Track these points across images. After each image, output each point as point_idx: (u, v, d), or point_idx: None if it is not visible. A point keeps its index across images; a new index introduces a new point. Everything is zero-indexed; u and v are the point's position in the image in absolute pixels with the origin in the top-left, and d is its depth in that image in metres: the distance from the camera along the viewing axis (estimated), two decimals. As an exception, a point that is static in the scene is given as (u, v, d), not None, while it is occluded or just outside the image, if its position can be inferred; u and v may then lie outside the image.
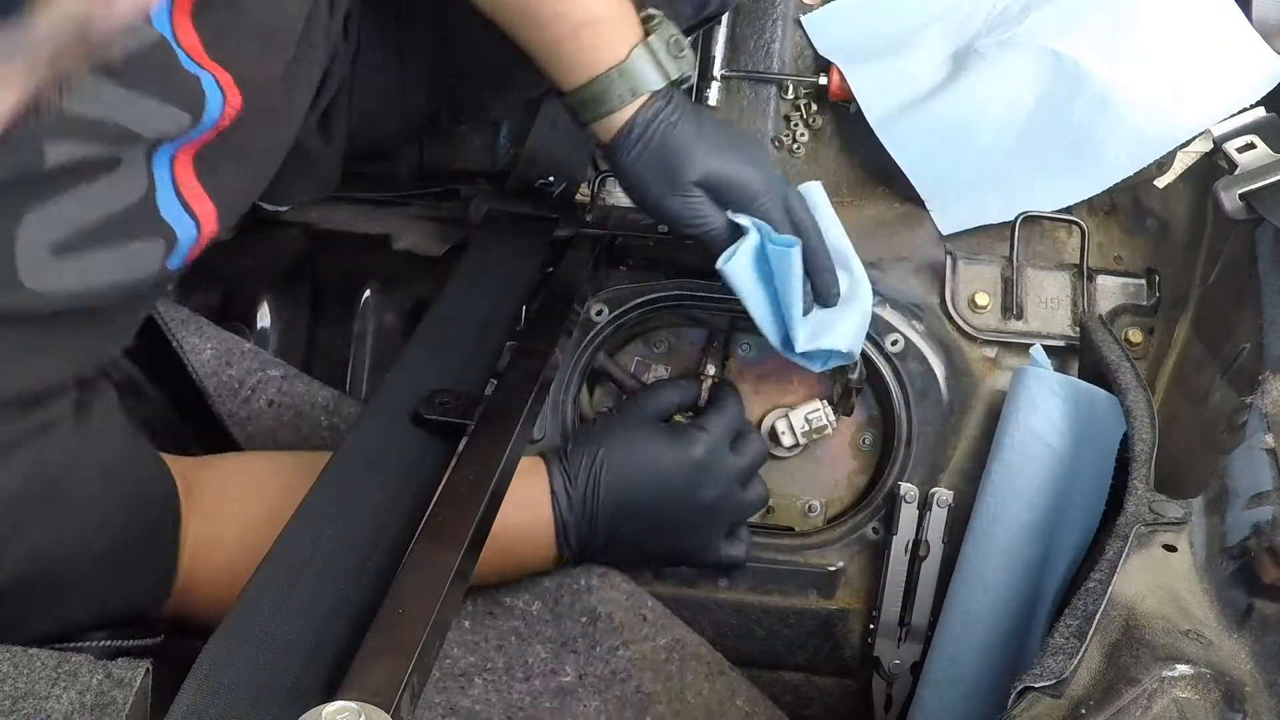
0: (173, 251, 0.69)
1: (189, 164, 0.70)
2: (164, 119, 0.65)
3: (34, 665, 0.55)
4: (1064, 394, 0.88)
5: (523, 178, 1.06)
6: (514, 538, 0.82)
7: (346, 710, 0.52)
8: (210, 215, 0.72)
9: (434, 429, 0.75)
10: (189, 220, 0.70)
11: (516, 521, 0.82)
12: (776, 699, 0.95)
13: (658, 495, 0.86)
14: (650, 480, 0.86)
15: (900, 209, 1.04)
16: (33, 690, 0.54)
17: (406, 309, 1.03)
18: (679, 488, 0.87)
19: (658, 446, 0.87)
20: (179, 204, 0.69)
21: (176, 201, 0.69)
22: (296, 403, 0.92)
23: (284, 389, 0.93)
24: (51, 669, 0.55)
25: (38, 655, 0.56)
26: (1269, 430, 0.71)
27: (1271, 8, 0.99)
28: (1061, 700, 0.59)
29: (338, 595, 0.64)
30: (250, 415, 0.90)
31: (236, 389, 0.91)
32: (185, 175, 0.70)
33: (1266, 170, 0.91)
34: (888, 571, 0.96)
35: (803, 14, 1.10)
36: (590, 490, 0.85)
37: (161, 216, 0.68)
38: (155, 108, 0.64)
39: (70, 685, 0.55)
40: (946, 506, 0.95)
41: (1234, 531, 0.68)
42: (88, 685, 0.55)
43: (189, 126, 0.67)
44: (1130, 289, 1.02)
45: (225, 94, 0.69)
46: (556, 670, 0.87)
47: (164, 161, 0.68)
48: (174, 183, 0.69)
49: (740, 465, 0.90)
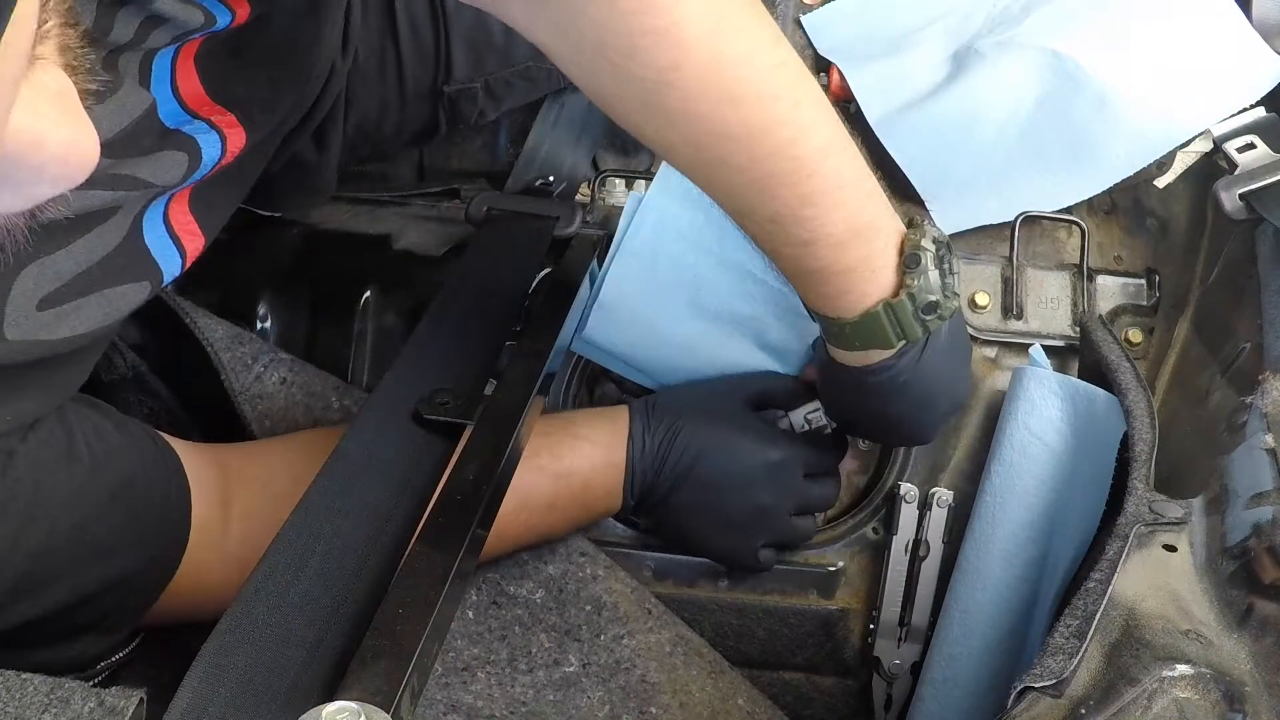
0: (157, 289, 0.69)
1: (185, 201, 0.70)
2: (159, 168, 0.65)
3: (26, 691, 0.55)
4: (1063, 394, 0.88)
5: (523, 178, 1.06)
6: (588, 475, 0.84)
7: (346, 710, 0.52)
8: (197, 246, 0.72)
9: (434, 429, 0.75)
10: (175, 255, 0.70)
11: (592, 459, 0.84)
12: (776, 699, 0.94)
13: (719, 478, 0.86)
14: (719, 461, 0.86)
15: (900, 209, 1.03)
16: (23, 716, 0.54)
17: (406, 309, 1.03)
18: (740, 479, 0.87)
19: (739, 432, 0.87)
20: (168, 238, 0.69)
21: (166, 236, 0.69)
22: (308, 383, 0.93)
23: (295, 369, 0.93)
24: (44, 695, 0.55)
25: (30, 680, 0.56)
26: (1269, 430, 0.71)
27: (1271, 8, 0.99)
28: (1061, 700, 0.59)
29: (338, 595, 0.64)
30: (262, 394, 0.90)
31: (250, 365, 0.92)
32: (180, 212, 0.69)
33: (1266, 170, 0.91)
34: (888, 571, 0.96)
35: (803, 14, 1.10)
36: (664, 445, 0.85)
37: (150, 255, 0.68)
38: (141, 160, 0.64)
39: (62, 712, 0.54)
40: (946, 506, 0.95)
41: (1234, 531, 0.68)
42: (79, 713, 0.54)
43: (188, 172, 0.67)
44: (1130, 289, 1.02)
45: (226, 137, 0.69)
46: (560, 660, 0.87)
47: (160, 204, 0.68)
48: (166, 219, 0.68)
49: (806, 493, 0.90)
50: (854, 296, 0.74)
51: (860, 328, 0.75)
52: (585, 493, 0.86)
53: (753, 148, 0.67)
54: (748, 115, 0.66)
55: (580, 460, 0.84)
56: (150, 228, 0.68)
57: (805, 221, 0.70)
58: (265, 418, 0.89)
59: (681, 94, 0.65)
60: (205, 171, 0.69)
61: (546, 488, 0.84)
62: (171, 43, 0.64)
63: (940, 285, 0.74)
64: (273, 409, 0.90)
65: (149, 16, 0.60)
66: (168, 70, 0.65)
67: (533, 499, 0.83)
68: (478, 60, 0.99)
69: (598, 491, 0.86)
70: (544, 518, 0.86)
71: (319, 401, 0.92)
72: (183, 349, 0.91)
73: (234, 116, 0.70)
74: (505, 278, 0.91)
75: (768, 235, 0.73)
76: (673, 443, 0.86)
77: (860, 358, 0.77)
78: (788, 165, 0.68)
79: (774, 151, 0.68)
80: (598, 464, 0.85)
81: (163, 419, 0.91)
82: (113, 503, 0.69)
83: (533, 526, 0.86)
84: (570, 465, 0.84)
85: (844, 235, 0.71)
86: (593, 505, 0.88)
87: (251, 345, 0.93)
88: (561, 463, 0.84)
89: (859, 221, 0.72)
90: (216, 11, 0.65)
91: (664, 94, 0.65)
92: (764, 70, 0.67)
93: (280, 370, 0.92)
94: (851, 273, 0.73)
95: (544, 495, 0.84)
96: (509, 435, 0.73)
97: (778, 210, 0.70)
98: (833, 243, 0.72)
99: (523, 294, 0.91)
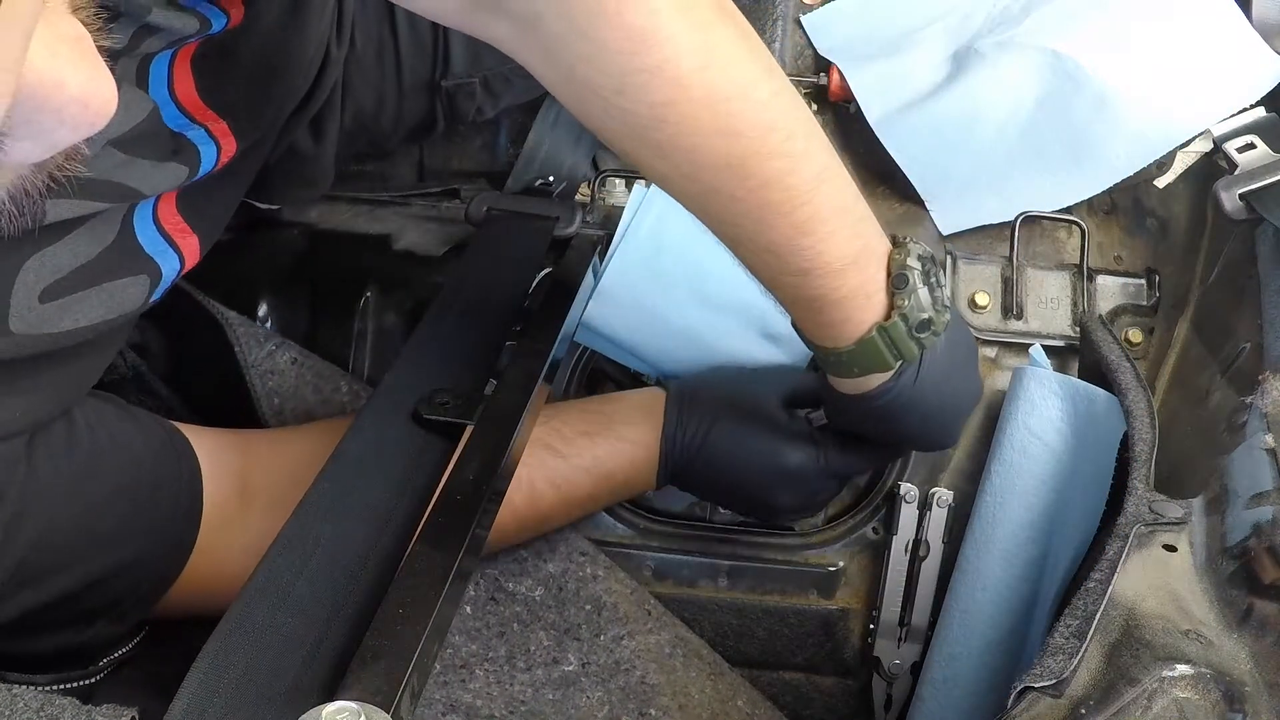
0: (157, 286, 0.69)
1: (172, 203, 0.70)
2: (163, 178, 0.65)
3: (16, 707, 0.55)
4: (1063, 394, 0.88)
5: (523, 177, 1.06)
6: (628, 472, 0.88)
7: (346, 710, 0.52)
8: (193, 248, 0.72)
9: (434, 429, 0.75)
10: (172, 254, 0.70)
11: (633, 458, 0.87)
12: (776, 699, 0.95)
13: (743, 476, 0.88)
14: (742, 460, 0.88)
15: (900, 209, 1.04)
16: None
17: (406, 309, 1.03)
18: (757, 481, 0.88)
19: (765, 435, 0.88)
20: (162, 239, 0.69)
21: (160, 237, 0.69)
22: (317, 367, 0.93)
23: (304, 354, 0.94)
24: (34, 712, 0.55)
25: (21, 695, 0.55)
26: (1269, 430, 0.71)
27: (1271, 8, 0.99)
28: (1061, 700, 0.59)
29: (338, 595, 0.64)
30: (273, 369, 0.90)
31: (261, 342, 0.92)
32: (169, 213, 0.70)
33: (1266, 170, 0.91)
34: (888, 571, 0.96)
35: (803, 14, 1.10)
36: (697, 439, 0.87)
37: (145, 253, 0.68)
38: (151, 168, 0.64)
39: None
40: (947, 506, 0.95)
41: (1234, 531, 0.68)
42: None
43: (186, 179, 0.67)
44: (1130, 289, 1.02)
45: (220, 144, 0.69)
46: (559, 659, 0.88)
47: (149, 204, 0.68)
48: (156, 220, 0.69)
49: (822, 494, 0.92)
50: (852, 324, 0.74)
51: (858, 355, 0.75)
52: (624, 486, 0.90)
53: (747, 179, 0.67)
54: (742, 147, 0.66)
55: (621, 461, 0.88)
56: (141, 227, 0.68)
57: (801, 250, 0.70)
58: (275, 395, 0.89)
59: (674, 128, 0.64)
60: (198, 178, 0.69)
61: (588, 487, 0.88)
62: (167, 47, 0.64)
63: (931, 302, 0.74)
64: (283, 386, 0.90)
65: (143, 26, 0.60)
66: (165, 74, 0.65)
67: (575, 496, 0.88)
68: (476, 55, 0.99)
69: (634, 483, 0.90)
70: (583, 508, 0.91)
71: (328, 384, 0.93)
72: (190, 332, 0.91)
73: (226, 124, 0.70)
74: (505, 278, 0.91)
75: (765, 265, 0.73)
76: (706, 437, 0.88)
77: (860, 384, 0.78)
78: (782, 195, 0.68)
79: (768, 182, 0.68)
80: (638, 461, 0.88)
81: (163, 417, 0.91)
82: (117, 490, 0.69)
83: (572, 515, 0.91)
84: (612, 468, 0.88)
85: (840, 262, 0.71)
86: (626, 493, 0.93)
87: (261, 330, 0.95)
88: (604, 466, 0.88)
89: (854, 248, 0.72)
90: (211, 15, 0.65)
91: (656, 129, 0.64)
92: (758, 103, 0.66)
93: (291, 352, 0.93)
94: (849, 300, 0.73)
95: (585, 491, 0.88)
96: (509, 435, 0.73)
97: (773, 240, 0.70)
98: (830, 270, 0.71)
99: (523, 294, 0.91)
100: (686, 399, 0.89)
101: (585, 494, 0.88)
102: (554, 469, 0.86)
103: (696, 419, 0.88)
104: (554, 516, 0.89)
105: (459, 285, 0.90)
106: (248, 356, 0.89)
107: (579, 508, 0.90)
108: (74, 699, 0.56)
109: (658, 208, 0.95)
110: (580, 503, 0.89)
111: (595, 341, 0.96)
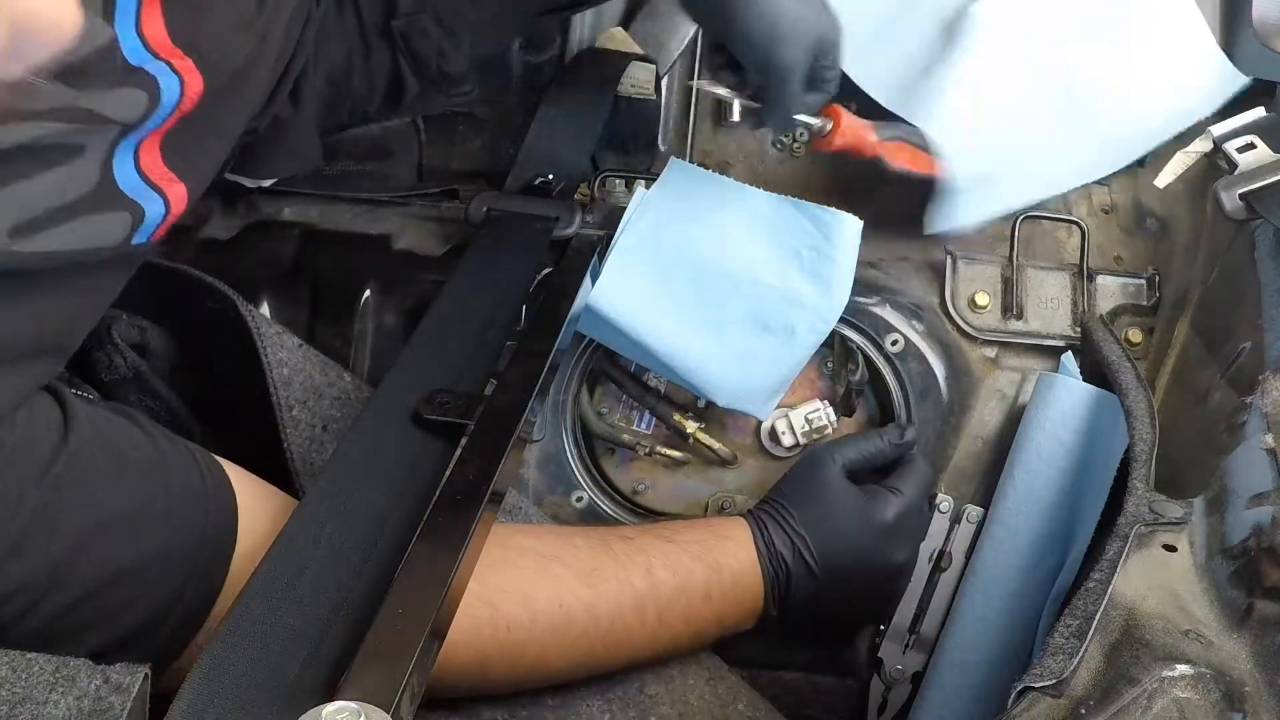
0: (140, 226, 0.69)
1: (155, 149, 0.70)
2: (118, 102, 0.65)
3: (32, 670, 0.55)
4: (1094, 406, 0.88)
5: (522, 177, 1.06)
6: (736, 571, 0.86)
7: (346, 710, 0.52)
8: (180, 195, 0.72)
9: (434, 429, 0.75)
10: (157, 198, 0.70)
11: (738, 556, 0.87)
12: (776, 699, 0.94)
13: (853, 561, 0.89)
14: (843, 545, 0.88)
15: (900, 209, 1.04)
16: (30, 695, 0.54)
17: (406, 309, 1.03)
18: (869, 552, 0.89)
19: (849, 511, 0.89)
20: (144, 184, 0.69)
21: (142, 183, 0.69)
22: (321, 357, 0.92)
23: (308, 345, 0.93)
24: (50, 674, 0.55)
25: (36, 660, 0.56)
26: (1269, 430, 0.71)
27: (1271, 8, 0.99)
28: (1061, 700, 0.59)
29: (338, 595, 0.64)
30: (282, 344, 0.89)
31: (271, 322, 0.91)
32: (151, 160, 0.69)
33: (1266, 170, 0.91)
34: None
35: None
36: (786, 545, 0.88)
37: (127, 196, 0.68)
38: (106, 94, 0.64)
39: (68, 691, 0.54)
40: (976, 524, 0.95)
41: (1234, 531, 0.68)
42: (85, 691, 0.54)
43: (148, 111, 0.67)
44: (1130, 289, 1.02)
45: (184, 80, 0.69)
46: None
47: (129, 148, 0.68)
48: (138, 167, 0.68)
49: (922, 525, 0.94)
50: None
51: None
52: (735, 589, 0.86)
53: None
54: None
55: (728, 557, 0.86)
56: (122, 174, 0.67)
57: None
58: (282, 366, 0.88)
59: None
60: (165, 114, 0.68)
61: (701, 577, 0.85)
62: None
63: None
64: (291, 360, 0.89)
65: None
66: (133, 8, 0.65)
67: (690, 585, 0.84)
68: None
69: (743, 592, 0.87)
70: (700, 609, 0.85)
71: (333, 368, 0.92)
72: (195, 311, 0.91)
73: (191, 62, 0.70)
74: (505, 278, 0.91)
75: None
76: (792, 538, 0.88)
77: None
78: None
79: None
80: (744, 561, 0.87)
81: (163, 419, 0.90)
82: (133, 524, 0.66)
83: (690, 616, 0.85)
84: (720, 559, 0.86)
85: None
86: (740, 604, 0.88)
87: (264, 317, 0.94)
88: (712, 555, 0.86)
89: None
90: None
91: None
92: None
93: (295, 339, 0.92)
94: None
95: (699, 584, 0.85)
96: (509, 435, 0.73)
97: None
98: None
99: (523, 294, 0.91)
100: (761, 512, 0.90)
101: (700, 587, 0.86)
102: None
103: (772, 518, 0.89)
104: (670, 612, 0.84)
105: (459, 285, 0.90)
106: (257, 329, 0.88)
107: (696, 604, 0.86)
108: (88, 659, 0.56)
109: (659, 202, 0.96)
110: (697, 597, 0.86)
111: (597, 332, 0.97)
